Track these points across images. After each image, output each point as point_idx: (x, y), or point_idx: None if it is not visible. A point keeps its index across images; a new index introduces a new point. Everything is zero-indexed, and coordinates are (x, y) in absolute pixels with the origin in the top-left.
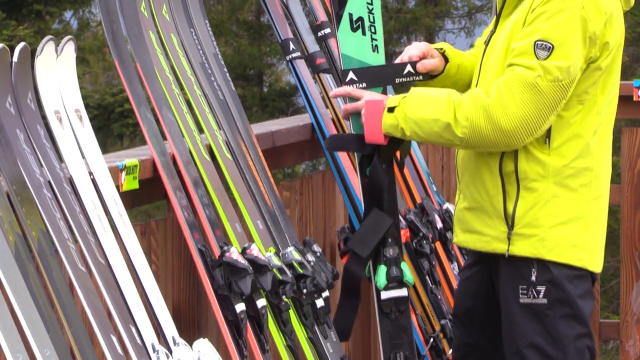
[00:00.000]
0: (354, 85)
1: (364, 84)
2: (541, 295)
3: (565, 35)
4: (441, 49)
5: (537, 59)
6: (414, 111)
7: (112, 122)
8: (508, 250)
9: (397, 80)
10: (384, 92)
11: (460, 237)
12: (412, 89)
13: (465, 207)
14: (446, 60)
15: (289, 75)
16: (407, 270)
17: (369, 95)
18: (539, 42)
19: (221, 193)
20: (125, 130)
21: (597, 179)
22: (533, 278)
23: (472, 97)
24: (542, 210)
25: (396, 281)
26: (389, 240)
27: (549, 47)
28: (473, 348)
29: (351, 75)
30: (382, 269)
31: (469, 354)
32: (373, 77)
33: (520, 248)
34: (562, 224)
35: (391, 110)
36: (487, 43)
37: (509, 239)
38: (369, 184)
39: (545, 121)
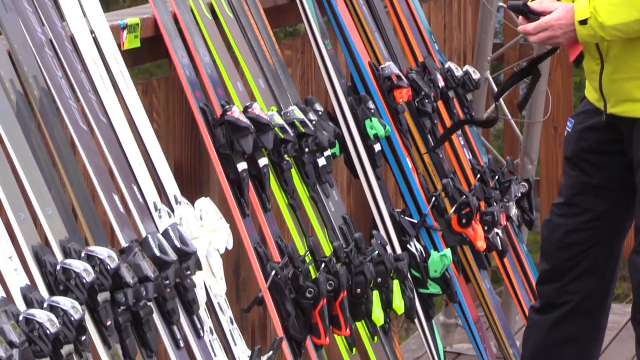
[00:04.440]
0: None
1: None
2: None
3: None
4: None
5: None
6: (611, 19)
7: None
8: None
9: None
10: None
11: (619, 108)
12: None
13: (621, 78)
14: None
15: None
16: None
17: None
18: None
19: (223, 51)
20: None
21: None
22: None
23: None
24: None
25: None
26: None
27: None
28: (592, 187)
29: None
30: None
31: (586, 192)
32: None
33: None
34: None
35: (583, 22)
36: None
37: None
38: None
39: None
